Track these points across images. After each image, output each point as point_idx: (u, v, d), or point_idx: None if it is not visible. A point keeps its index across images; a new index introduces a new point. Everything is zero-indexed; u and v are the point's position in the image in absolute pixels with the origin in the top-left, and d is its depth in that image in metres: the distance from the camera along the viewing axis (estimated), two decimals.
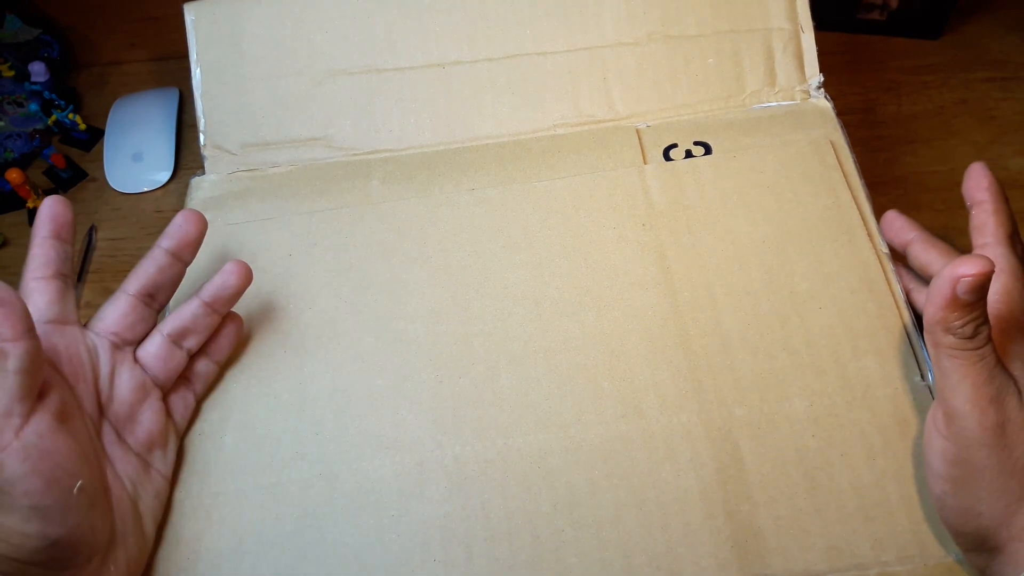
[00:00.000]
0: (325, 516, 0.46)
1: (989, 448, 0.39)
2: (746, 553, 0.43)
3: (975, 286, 0.38)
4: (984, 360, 0.39)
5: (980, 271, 0.38)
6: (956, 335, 0.39)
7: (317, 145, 0.60)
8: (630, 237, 0.53)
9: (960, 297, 0.38)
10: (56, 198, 0.48)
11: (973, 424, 0.39)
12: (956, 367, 0.40)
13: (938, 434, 0.41)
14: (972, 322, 0.39)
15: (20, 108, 0.72)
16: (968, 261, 0.38)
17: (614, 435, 0.47)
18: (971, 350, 0.39)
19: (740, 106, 0.59)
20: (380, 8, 0.60)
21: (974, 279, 0.38)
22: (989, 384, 0.39)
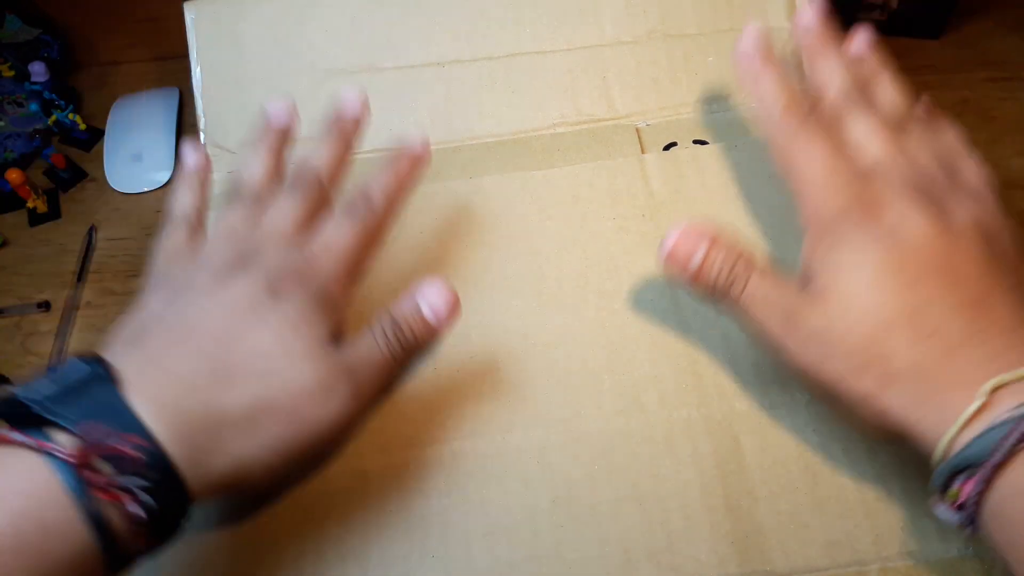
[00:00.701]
0: (323, 512, 0.46)
1: (811, 368, 0.38)
2: (746, 548, 0.43)
3: (688, 248, 0.41)
4: (754, 296, 0.40)
5: (678, 234, 0.41)
6: (716, 292, 0.41)
7: None
8: (630, 228, 0.53)
9: (688, 267, 0.41)
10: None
11: (784, 357, 0.39)
12: (738, 317, 0.41)
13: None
14: (719, 274, 0.40)
15: (20, 108, 0.72)
16: (668, 234, 0.41)
17: (614, 429, 0.46)
18: (737, 295, 0.40)
19: (740, 106, 0.59)
20: (380, 8, 0.60)
21: (679, 241, 0.41)
22: (771, 313, 0.39)
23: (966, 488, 0.33)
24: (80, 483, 0.32)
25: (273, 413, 0.37)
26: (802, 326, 0.38)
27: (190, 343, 0.38)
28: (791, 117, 0.42)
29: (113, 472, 0.33)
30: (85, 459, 0.32)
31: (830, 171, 0.40)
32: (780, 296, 0.39)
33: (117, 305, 0.63)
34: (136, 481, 0.33)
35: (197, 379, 0.37)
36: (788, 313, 0.39)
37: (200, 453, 0.35)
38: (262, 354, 0.38)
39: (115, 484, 0.33)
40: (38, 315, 0.63)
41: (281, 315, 0.39)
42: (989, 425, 0.33)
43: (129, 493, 0.33)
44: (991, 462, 0.32)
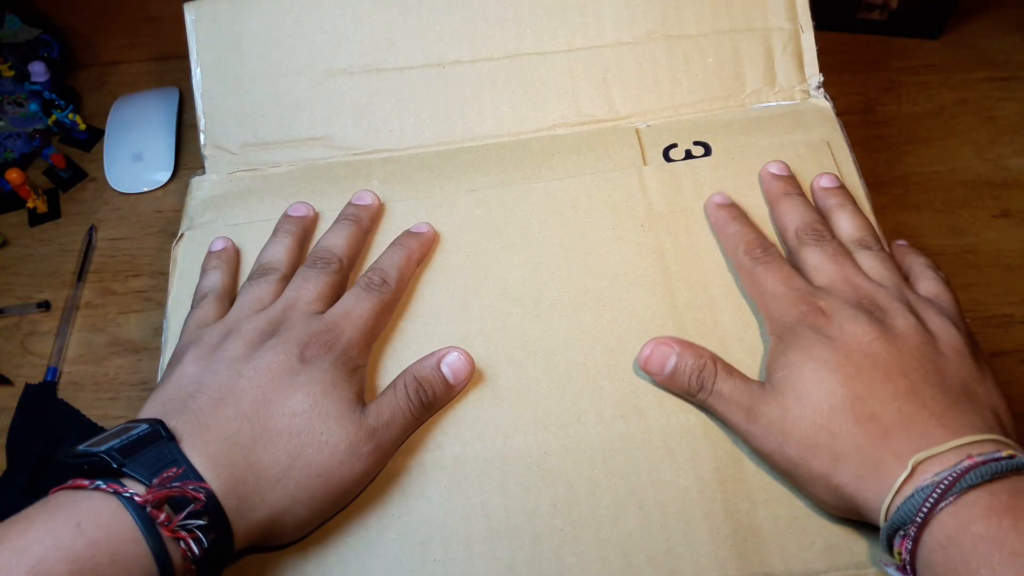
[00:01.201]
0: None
1: (774, 454, 0.43)
2: (745, 552, 0.43)
3: (660, 361, 0.46)
4: (721, 396, 0.45)
5: (649, 351, 0.47)
6: (694, 395, 0.46)
7: (317, 145, 0.60)
8: (629, 238, 0.53)
9: (664, 375, 0.46)
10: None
11: (754, 444, 0.44)
12: (715, 412, 0.46)
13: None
14: (690, 379, 0.45)
15: (20, 108, 0.72)
16: (643, 350, 0.47)
17: (613, 434, 0.47)
18: (707, 396, 0.45)
19: (740, 106, 0.59)
20: (380, 8, 0.60)
21: (652, 357, 0.47)
22: (736, 410, 0.44)
23: (903, 546, 0.37)
24: (150, 522, 0.37)
25: (306, 468, 0.42)
26: (761, 417, 0.43)
27: (231, 406, 0.43)
28: (752, 252, 0.50)
29: (177, 514, 0.37)
30: (153, 501, 0.37)
31: (787, 288, 0.47)
32: (742, 393, 0.44)
33: (117, 305, 0.63)
34: (197, 523, 0.38)
35: (240, 437, 0.42)
36: (749, 407, 0.44)
37: (243, 502, 0.40)
38: (296, 414, 0.43)
39: (179, 524, 0.37)
40: (38, 315, 0.63)
41: (311, 378, 0.44)
42: (914, 490, 0.37)
43: (190, 533, 0.37)
44: (916, 521, 0.36)
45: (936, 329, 0.44)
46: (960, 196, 0.63)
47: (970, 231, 0.61)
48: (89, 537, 0.35)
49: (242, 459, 0.41)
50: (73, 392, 0.59)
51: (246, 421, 0.42)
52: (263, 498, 0.41)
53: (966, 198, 0.63)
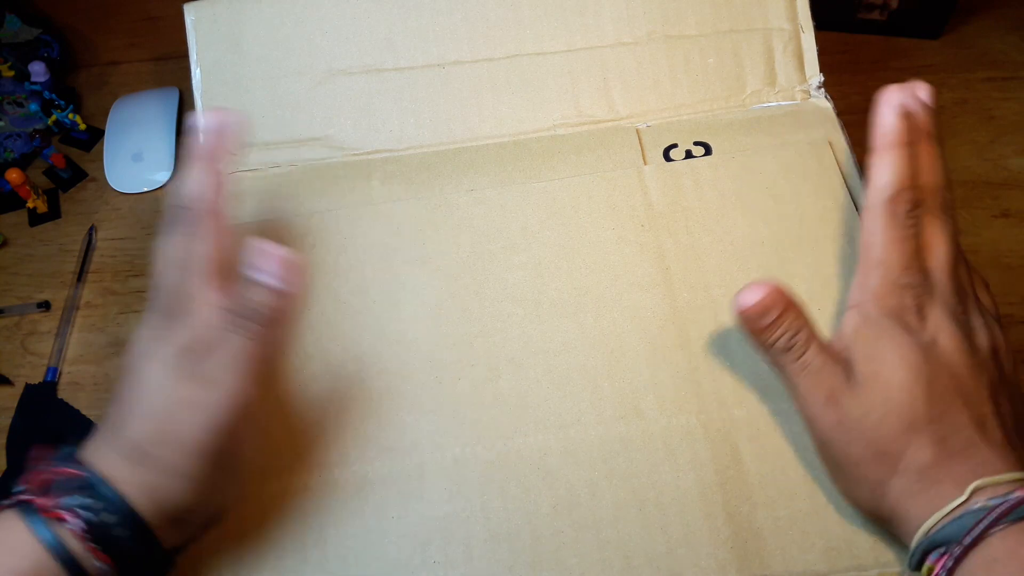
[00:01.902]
0: (326, 517, 0.46)
1: (837, 444, 0.42)
2: (745, 554, 0.43)
3: (763, 310, 0.42)
4: (806, 368, 0.42)
5: (757, 300, 0.42)
6: (773, 352, 0.43)
7: (317, 145, 0.60)
8: (629, 238, 0.53)
9: (756, 324, 0.42)
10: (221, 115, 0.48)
11: (816, 426, 0.43)
12: (786, 378, 0.43)
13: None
14: (782, 336, 0.42)
15: (20, 108, 0.72)
16: (748, 291, 0.42)
17: (613, 436, 0.47)
18: (792, 361, 0.42)
19: (740, 106, 0.59)
20: (380, 8, 0.60)
21: (757, 307, 0.42)
22: (818, 387, 0.42)
23: (940, 563, 0.38)
24: (30, 508, 0.39)
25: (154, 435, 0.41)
26: (841, 407, 0.41)
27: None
28: (897, 206, 0.44)
29: (59, 496, 0.39)
30: (32, 488, 0.39)
31: (903, 270, 0.43)
32: (828, 375, 0.42)
33: (117, 305, 0.63)
34: (79, 500, 0.39)
35: (113, 418, 0.42)
36: (832, 392, 0.42)
37: (136, 475, 0.40)
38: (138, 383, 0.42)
39: (57, 504, 0.38)
40: (38, 315, 0.63)
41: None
42: (963, 512, 0.38)
43: (69, 510, 0.38)
44: (963, 542, 0.37)
45: (1002, 355, 0.43)
46: (960, 196, 0.63)
47: (970, 231, 0.61)
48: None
49: (118, 440, 0.41)
50: (73, 392, 0.59)
51: (119, 405, 0.42)
52: (141, 476, 0.40)
53: (966, 198, 0.63)
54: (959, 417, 0.40)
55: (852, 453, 0.41)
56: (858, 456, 0.41)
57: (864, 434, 0.41)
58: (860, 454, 0.41)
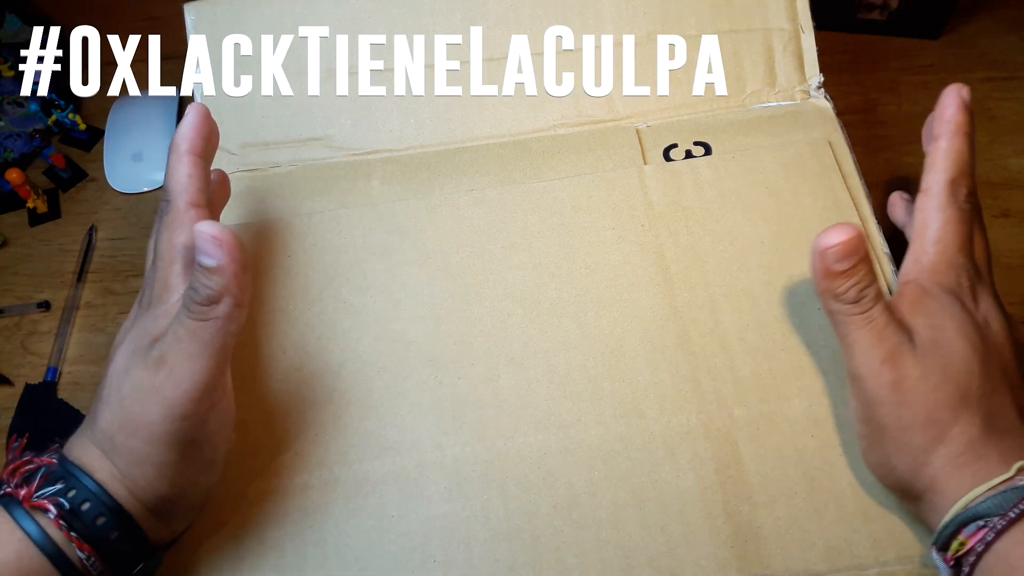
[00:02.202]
0: (325, 517, 0.46)
1: (888, 406, 0.41)
2: (745, 553, 0.43)
3: (844, 254, 0.41)
4: (872, 322, 0.41)
5: (842, 239, 0.40)
6: (841, 300, 0.41)
7: (317, 145, 0.60)
8: (629, 238, 0.53)
9: (833, 267, 0.41)
10: (202, 109, 0.48)
11: (870, 384, 0.41)
12: (847, 331, 0.42)
13: (851, 395, 0.44)
14: (854, 287, 0.41)
15: (20, 108, 0.72)
16: (833, 231, 0.40)
17: (613, 435, 0.47)
18: (858, 314, 0.41)
19: (740, 106, 0.59)
20: (380, 8, 0.60)
21: (841, 247, 0.40)
22: (880, 345, 0.41)
23: (976, 536, 0.37)
24: (12, 499, 0.39)
25: (124, 427, 0.41)
26: (900, 368, 0.41)
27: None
28: (958, 189, 0.44)
29: (38, 487, 0.40)
30: (7, 479, 0.40)
31: (958, 251, 0.44)
32: (891, 333, 0.41)
33: (117, 305, 0.63)
34: (54, 488, 0.40)
35: (93, 410, 0.43)
36: (892, 352, 0.41)
37: (111, 463, 0.41)
38: (109, 377, 0.43)
39: (37, 494, 0.39)
40: (38, 315, 0.63)
41: (120, 342, 0.44)
42: (1007, 488, 0.38)
43: (50, 499, 0.39)
44: (1008, 515, 0.37)
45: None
46: None
47: None
48: None
49: (92, 431, 0.42)
50: (73, 392, 0.59)
51: (96, 397, 0.43)
52: (115, 465, 0.41)
53: None
54: (1005, 399, 0.41)
55: (904, 416, 0.41)
56: (909, 419, 0.40)
57: (920, 397, 0.40)
58: (912, 417, 0.40)
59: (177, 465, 0.41)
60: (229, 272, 0.41)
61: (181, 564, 0.45)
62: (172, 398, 0.40)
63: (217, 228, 0.41)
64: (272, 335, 0.52)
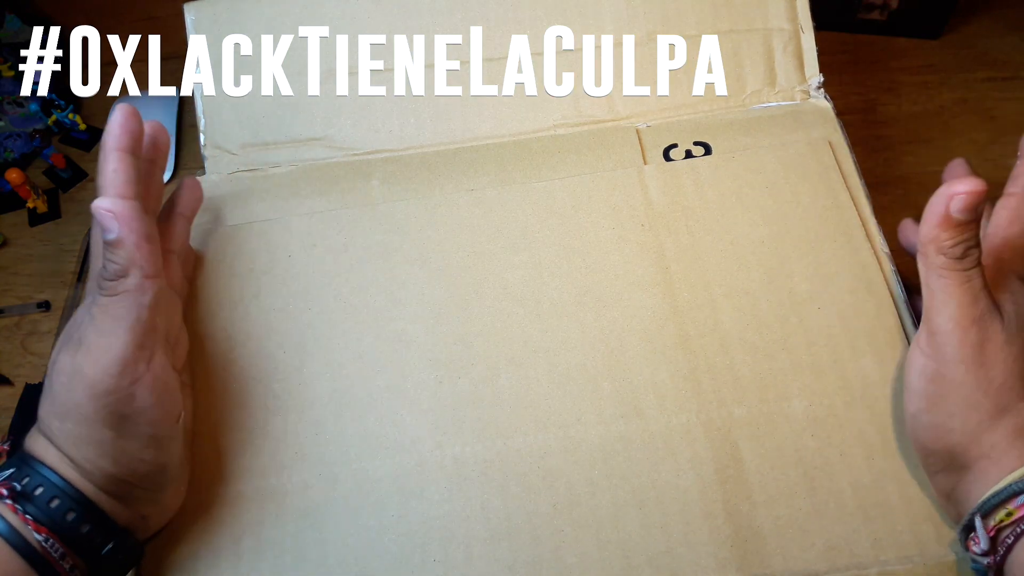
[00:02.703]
0: (325, 516, 0.46)
1: (967, 365, 0.41)
2: (745, 553, 0.43)
3: (968, 204, 0.40)
4: (971, 282, 0.41)
5: (973, 189, 0.40)
6: (946, 255, 0.42)
7: (317, 145, 0.60)
8: (629, 237, 0.53)
9: (953, 216, 0.40)
10: (129, 108, 0.47)
11: (955, 341, 0.41)
12: (944, 286, 0.42)
13: (920, 352, 0.43)
14: (962, 243, 0.41)
15: (20, 108, 0.72)
16: (963, 180, 0.40)
17: (613, 435, 0.47)
18: (959, 271, 0.41)
19: (740, 106, 0.59)
20: (380, 8, 0.60)
21: (967, 196, 0.40)
22: (974, 305, 0.41)
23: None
24: None
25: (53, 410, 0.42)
26: (988, 330, 0.41)
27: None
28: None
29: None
30: None
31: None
32: (984, 297, 0.42)
33: None
34: (5, 474, 0.41)
35: (46, 390, 0.43)
36: (983, 314, 0.41)
37: (57, 449, 0.41)
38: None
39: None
40: (38, 315, 0.63)
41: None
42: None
43: (1, 484, 0.40)
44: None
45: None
46: None
47: None
48: None
49: (38, 422, 0.42)
50: None
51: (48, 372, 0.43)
52: (62, 451, 0.41)
53: None
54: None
55: (980, 377, 0.41)
56: (985, 382, 0.41)
57: (1000, 363, 0.41)
58: (987, 381, 0.41)
59: (115, 442, 0.41)
60: (130, 243, 0.42)
61: (180, 564, 0.45)
62: (91, 375, 0.41)
63: (111, 201, 0.42)
64: (272, 335, 0.52)
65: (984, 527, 0.39)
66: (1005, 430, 0.40)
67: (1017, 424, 0.40)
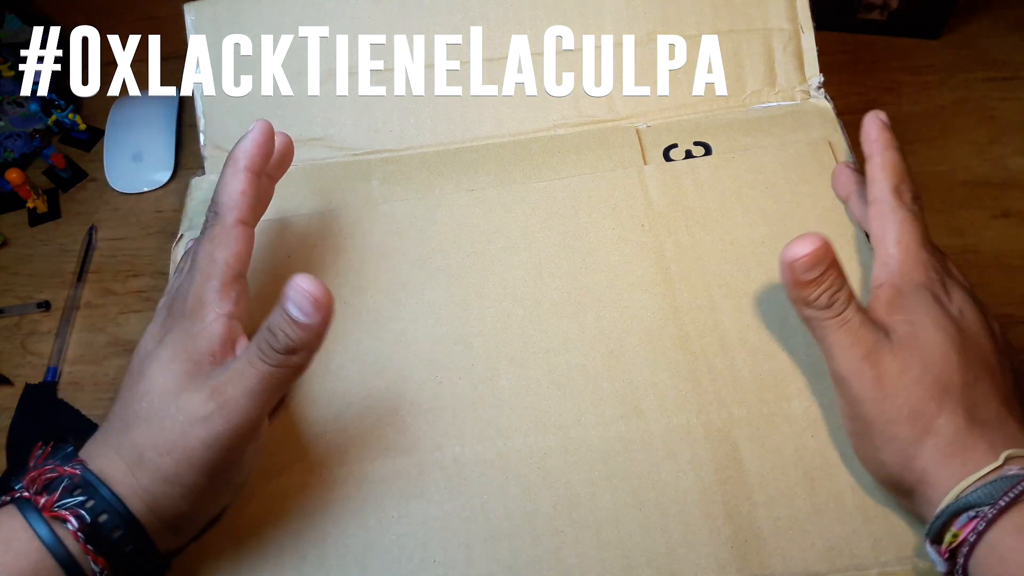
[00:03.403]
0: (325, 517, 0.46)
1: (872, 402, 0.42)
2: (745, 553, 0.43)
3: (811, 264, 0.41)
4: (847, 324, 0.42)
5: (810, 250, 0.41)
6: (814, 308, 0.43)
7: (317, 145, 0.60)
8: (629, 238, 0.53)
9: (802, 277, 0.42)
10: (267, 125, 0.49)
11: (853, 383, 0.42)
12: (824, 335, 0.43)
13: (836, 396, 0.44)
14: (824, 293, 0.42)
15: (20, 108, 0.72)
16: (799, 242, 0.41)
17: (613, 436, 0.47)
18: (832, 318, 0.42)
19: (740, 106, 0.59)
20: (380, 8, 0.60)
21: (808, 258, 0.41)
22: (858, 344, 0.42)
23: (968, 527, 0.37)
24: (30, 506, 0.39)
25: (157, 448, 0.41)
26: (880, 364, 0.42)
27: (119, 394, 0.45)
28: (903, 194, 0.48)
29: (58, 496, 0.39)
30: (29, 485, 0.40)
31: (920, 247, 0.46)
32: (868, 332, 0.42)
33: (117, 305, 0.63)
34: (76, 499, 0.39)
35: (115, 422, 0.43)
36: (870, 349, 0.42)
37: (129, 481, 0.41)
38: (144, 395, 0.43)
39: (58, 504, 0.39)
40: (38, 315, 0.63)
41: (156, 356, 0.44)
42: (997, 478, 0.38)
43: (71, 510, 0.39)
44: (998, 503, 0.37)
45: (1003, 341, 0.45)
46: (960, 196, 0.63)
47: (970, 231, 0.61)
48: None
49: (119, 442, 0.42)
50: (73, 392, 0.59)
51: (123, 406, 0.43)
52: (138, 480, 0.41)
53: (966, 198, 0.63)
54: (988, 389, 0.42)
55: (887, 410, 0.41)
56: (893, 413, 0.41)
57: (902, 391, 0.41)
58: (896, 411, 0.41)
59: (206, 489, 0.42)
60: (319, 331, 0.41)
61: (180, 564, 0.45)
62: (220, 430, 0.40)
63: (316, 286, 0.40)
64: None
65: (937, 551, 0.39)
66: (931, 453, 0.40)
67: (940, 444, 0.40)
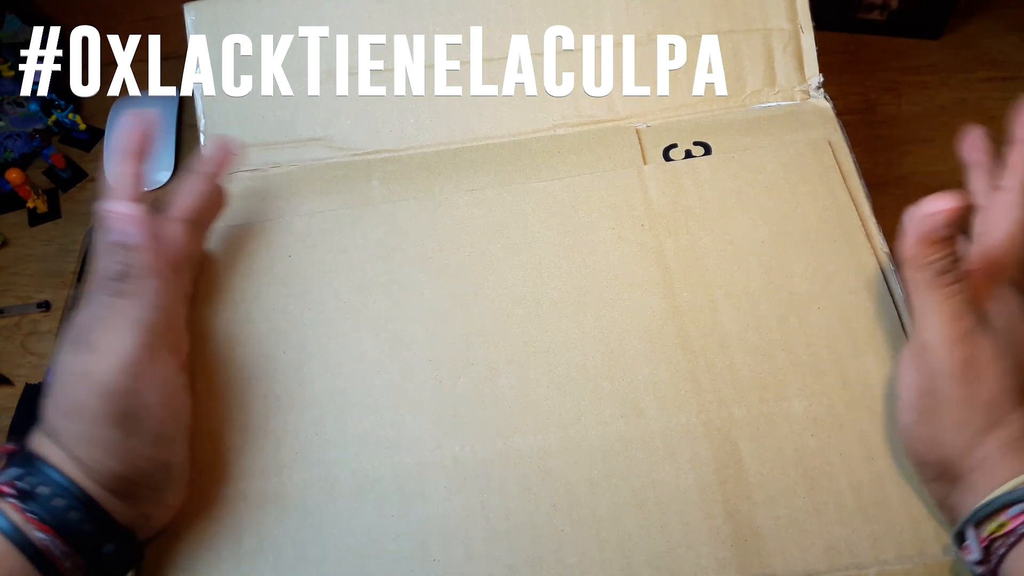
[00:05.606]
0: (325, 516, 0.46)
1: (956, 381, 0.41)
2: (745, 553, 0.43)
3: (946, 222, 0.40)
4: (955, 297, 0.41)
5: (951, 207, 0.40)
6: (928, 272, 0.41)
7: (317, 145, 0.60)
8: (629, 238, 0.53)
9: (932, 233, 0.41)
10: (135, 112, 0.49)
11: (944, 357, 0.41)
12: (928, 303, 0.42)
13: (911, 366, 0.43)
14: (944, 259, 0.41)
15: (20, 108, 0.72)
16: (941, 197, 0.40)
17: (613, 435, 0.47)
18: (942, 287, 0.41)
19: (740, 106, 0.59)
20: (380, 8, 0.60)
21: (945, 215, 0.40)
22: (960, 320, 0.41)
23: (1019, 519, 0.38)
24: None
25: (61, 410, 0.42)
26: (975, 346, 0.41)
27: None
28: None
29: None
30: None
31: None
32: (971, 312, 0.42)
33: None
34: (13, 473, 0.40)
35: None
36: (969, 329, 0.41)
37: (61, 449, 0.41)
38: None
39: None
40: (38, 315, 0.63)
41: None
42: None
43: (8, 483, 0.40)
44: None
45: None
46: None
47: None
48: None
49: (43, 423, 0.42)
50: None
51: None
52: (65, 450, 0.41)
53: None
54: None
55: (971, 393, 0.41)
56: (975, 397, 0.41)
57: (991, 379, 0.41)
58: (978, 396, 0.41)
59: (122, 441, 0.42)
60: (142, 247, 0.42)
61: (180, 564, 0.45)
62: (99, 375, 0.41)
63: (119, 203, 0.42)
64: (272, 335, 0.52)
65: (977, 537, 0.39)
66: (996, 443, 0.40)
67: (1007, 437, 0.40)
